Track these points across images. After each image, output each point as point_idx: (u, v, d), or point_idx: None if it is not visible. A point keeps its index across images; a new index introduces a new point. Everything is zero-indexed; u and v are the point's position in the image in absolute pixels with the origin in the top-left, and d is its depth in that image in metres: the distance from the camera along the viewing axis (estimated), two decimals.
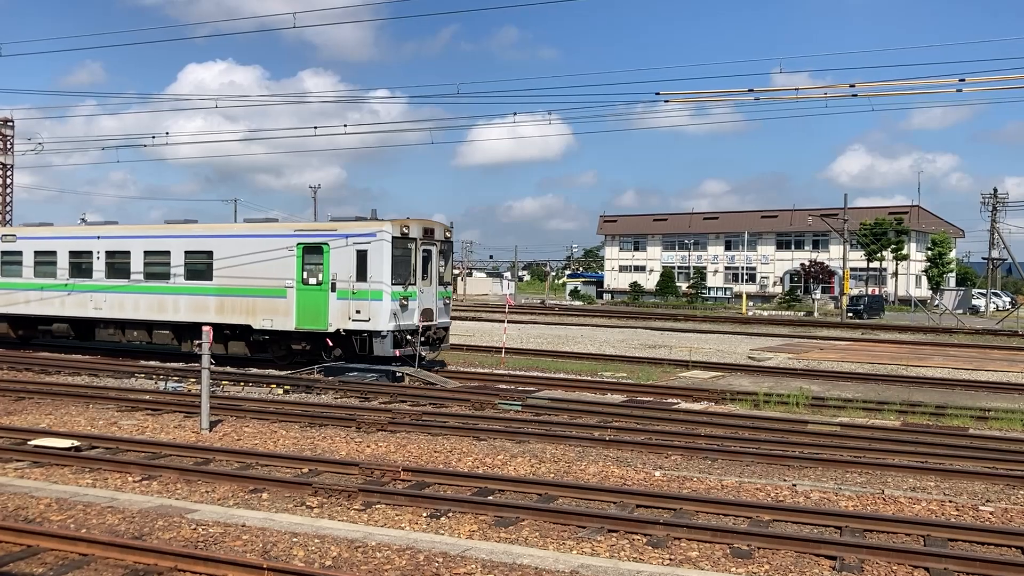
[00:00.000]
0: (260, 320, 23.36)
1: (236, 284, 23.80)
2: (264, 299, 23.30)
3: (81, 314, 26.58)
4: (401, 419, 15.87)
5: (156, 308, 25.11)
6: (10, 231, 28.73)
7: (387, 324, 21.74)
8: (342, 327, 22.16)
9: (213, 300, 24.11)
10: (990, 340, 41.54)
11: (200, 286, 24.48)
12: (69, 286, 26.71)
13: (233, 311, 23.83)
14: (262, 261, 23.35)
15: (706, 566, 8.36)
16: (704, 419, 16.42)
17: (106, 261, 26.22)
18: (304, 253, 22.89)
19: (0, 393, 18.80)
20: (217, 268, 24.16)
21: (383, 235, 22.05)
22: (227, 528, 9.05)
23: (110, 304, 25.95)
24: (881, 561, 8.45)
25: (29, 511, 9.71)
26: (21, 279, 27.81)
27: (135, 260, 25.68)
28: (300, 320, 22.79)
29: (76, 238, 27.23)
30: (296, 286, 22.85)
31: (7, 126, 46.85)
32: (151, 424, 15.69)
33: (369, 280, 21.86)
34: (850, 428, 15.75)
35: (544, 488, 10.96)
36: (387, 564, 8.03)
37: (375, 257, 21.93)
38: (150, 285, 25.28)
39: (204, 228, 25.79)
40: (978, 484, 11.95)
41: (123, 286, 25.73)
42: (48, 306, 27.21)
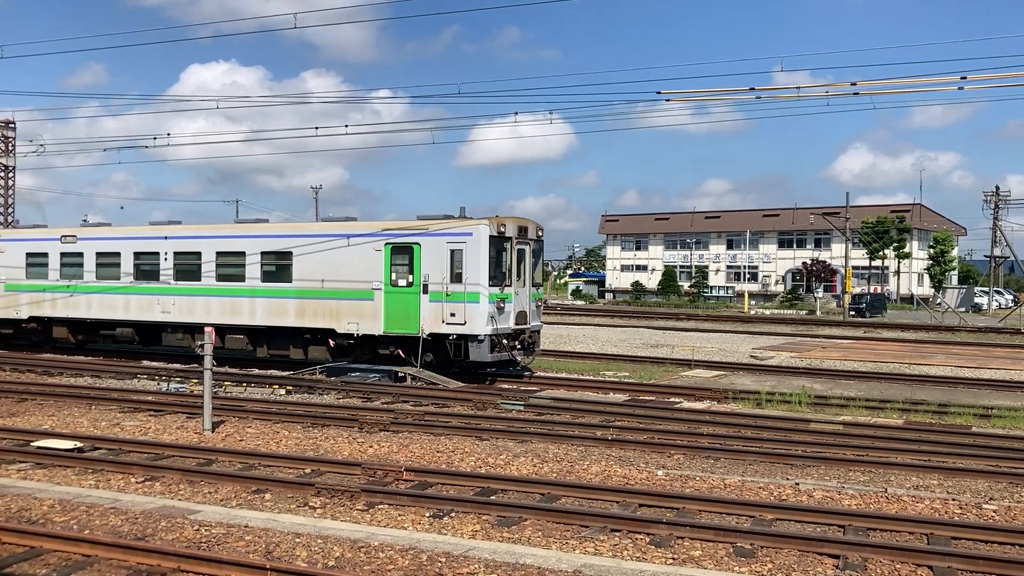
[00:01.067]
0: (345, 324, 22.34)
1: (318, 286, 22.78)
2: (349, 302, 22.31)
3: (147, 318, 25.56)
4: (403, 419, 15.87)
5: (230, 311, 24.08)
6: (70, 231, 27.59)
7: (484, 328, 20.83)
8: (435, 331, 21.25)
9: (292, 303, 23.14)
10: (993, 338, 41.49)
11: (278, 288, 23.47)
12: (134, 288, 25.77)
13: (315, 314, 22.84)
14: (346, 262, 22.36)
15: (709, 565, 8.35)
16: (707, 418, 16.42)
17: (174, 262, 25.20)
18: (392, 253, 21.94)
19: (3, 394, 18.82)
20: (297, 269, 23.15)
21: (480, 234, 21.15)
22: (230, 529, 9.05)
23: (179, 307, 24.93)
24: (884, 560, 8.44)
25: (32, 512, 9.71)
26: (82, 281, 26.73)
27: (206, 261, 24.66)
28: (389, 324, 21.80)
29: (142, 238, 26.19)
30: (384, 288, 21.89)
31: (9, 128, 46.90)
32: (154, 425, 15.70)
33: (465, 282, 20.95)
34: (853, 427, 15.73)
35: (547, 488, 10.96)
36: (390, 564, 8.03)
37: (471, 257, 21.03)
38: (223, 287, 24.30)
39: (282, 227, 24.68)
40: (981, 482, 11.93)
41: (193, 288, 24.75)
42: (111, 310, 26.17)
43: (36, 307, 27.53)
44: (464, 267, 21.06)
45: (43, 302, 27.37)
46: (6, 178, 47.31)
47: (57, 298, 27.04)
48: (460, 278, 21.03)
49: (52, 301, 27.17)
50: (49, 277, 27.31)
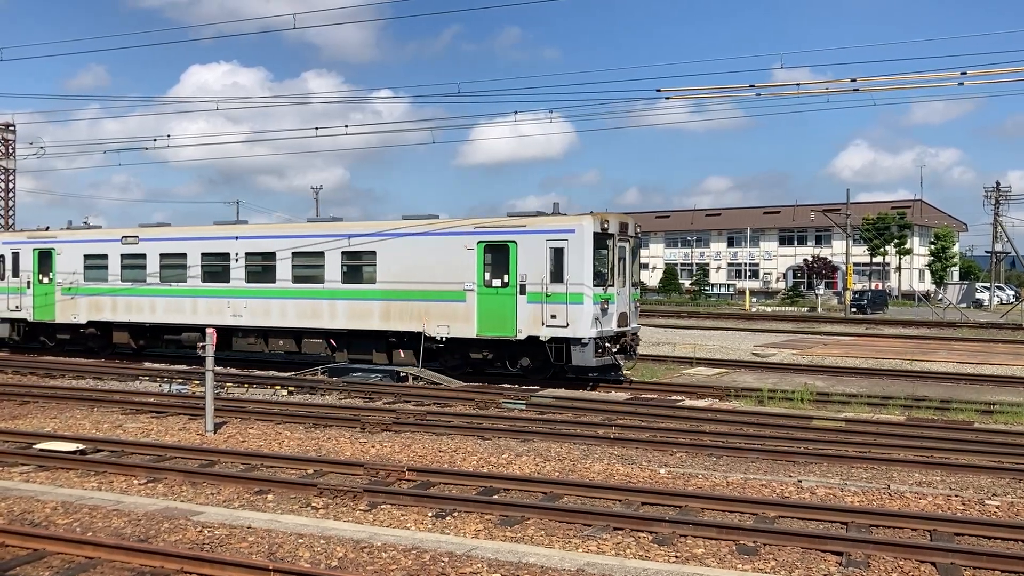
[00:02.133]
0: (434, 327, 21.30)
1: (404, 287, 21.77)
2: (439, 303, 21.30)
3: (216, 322, 23.75)
4: (405, 419, 15.88)
5: (308, 315, 23.05)
6: (132, 232, 26.49)
7: (588, 330, 19.75)
8: (533, 334, 20.23)
9: (377, 305, 22.13)
10: (994, 334, 41.47)
11: (361, 290, 22.43)
12: (201, 291, 24.75)
13: (401, 317, 21.81)
14: (436, 262, 21.40)
15: (712, 563, 8.35)
16: (709, 416, 16.41)
17: (246, 264, 24.15)
18: (486, 252, 20.91)
19: (6, 397, 18.83)
20: (381, 270, 22.17)
21: (583, 231, 20.05)
22: (233, 530, 9.05)
23: (251, 311, 23.89)
24: (887, 556, 8.43)
25: (35, 514, 9.72)
26: (144, 284, 25.68)
27: (281, 262, 23.60)
28: (483, 326, 20.79)
29: (210, 239, 25.06)
30: (477, 289, 20.86)
31: (8, 130, 46.91)
32: (156, 426, 15.71)
33: (567, 281, 19.87)
34: (855, 423, 15.72)
35: (549, 487, 10.96)
36: (393, 564, 8.03)
37: (574, 255, 19.96)
38: (299, 289, 23.24)
39: (364, 226, 23.27)
40: (984, 478, 11.93)
41: (267, 291, 23.70)
42: (177, 313, 25.09)
43: (95, 311, 26.53)
44: (566, 266, 20.04)
45: (103, 306, 26.40)
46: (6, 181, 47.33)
47: (118, 301, 26.10)
48: (561, 278, 20.02)
49: (113, 304, 26.22)
50: (109, 280, 26.32)
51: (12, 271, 28.06)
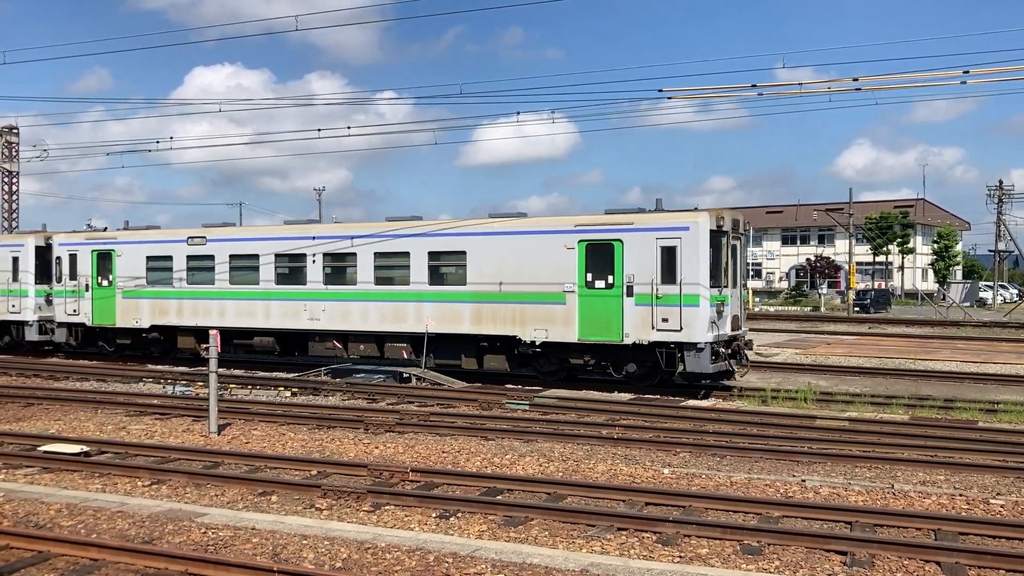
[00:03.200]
0: (531, 331, 20.31)
1: (497, 289, 20.75)
2: (536, 306, 20.29)
3: (292, 326, 23.44)
4: (409, 420, 15.89)
5: (391, 318, 22.08)
6: (198, 232, 25.31)
7: (705, 335, 18.69)
8: (643, 338, 19.16)
9: (468, 308, 21.12)
10: (998, 333, 41.40)
11: (450, 292, 21.44)
12: (275, 294, 23.65)
13: (494, 321, 20.83)
14: (533, 262, 20.38)
15: (716, 563, 8.35)
16: (712, 416, 16.41)
17: (324, 265, 23.10)
18: (589, 251, 19.85)
19: (9, 399, 18.86)
20: (472, 271, 21.17)
21: (699, 228, 18.95)
22: (237, 531, 9.07)
23: (330, 314, 22.87)
24: (892, 556, 8.42)
25: (40, 517, 9.74)
26: (212, 287, 24.61)
27: (362, 263, 22.59)
28: (584, 330, 19.74)
29: (284, 239, 23.85)
30: (578, 291, 19.82)
31: (12, 133, 47.00)
32: (159, 428, 15.73)
33: (680, 282, 18.75)
34: (859, 423, 15.71)
35: (553, 487, 10.96)
36: (397, 565, 8.03)
37: (689, 254, 18.86)
38: (382, 291, 22.27)
39: (453, 224, 22.29)
40: (988, 478, 11.91)
41: (347, 293, 22.72)
42: (248, 317, 24.02)
43: (159, 315, 25.49)
44: (680, 266, 18.89)
45: (167, 309, 25.35)
46: (10, 183, 47.41)
47: (184, 304, 25.05)
48: (674, 278, 18.88)
49: (178, 308, 25.16)
50: (174, 282, 25.25)
51: (69, 273, 27.04)
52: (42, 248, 28.40)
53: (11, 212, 47.25)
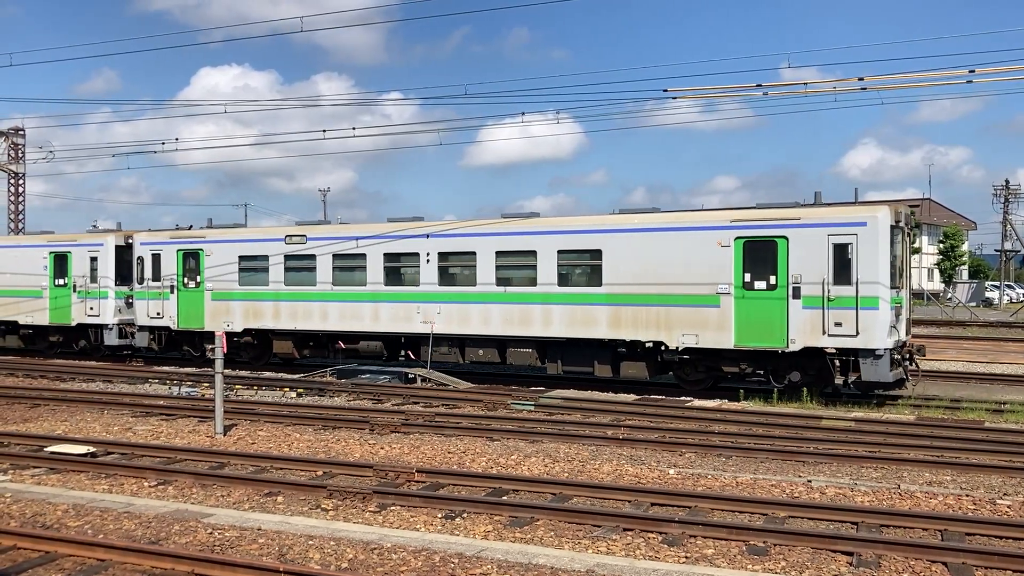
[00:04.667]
0: (678, 336, 18.92)
1: (639, 290, 19.37)
2: (684, 309, 18.90)
3: (403, 330, 22.16)
4: (414, 420, 15.90)
5: (516, 321, 20.80)
6: (297, 231, 23.98)
7: (884, 340, 17.25)
8: (810, 344, 17.79)
9: (603, 311, 19.76)
10: (1004, 333, 41.26)
11: (583, 293, 20.11)
12: (384, 295, 22.41)
13: (635, 325, 19.42)
14: (681, 261, 18.99)
15: (722, 564, 8.34)
16: (717, 416, 16.39)
17: (439, 265, 21.83)
18: (747, 249, 18.43)
19: (16, 400, 18.92)
20: (608, 271, 19.78)
21: (877, 223, 17.47)
22: (243, 532, 9.08)
23: (446, 317, 21.62)
24: (898, 556, 8.41)
25: (47, 517, 9.77)
26: (314, 288, 23.36)
27: (483, 263, 21.26)
28: (741, 335, 18.34)
29: (395, 237, 22.53)
30: (734, 292, 18.41)
31: (18, 135, 47.15)
32: (165, 429, 15.76)
33: (856, 282, 17.35)
34: (864, 423, 15.68)
35: (558, 488, 10.96)
36: (403, 565, 8.04)
37: (866, 252, 17.39)
38: (505, 293, 20.97)
39: (587, 221, 20.76)
40: (995, 478, 11.88)
41: (465, 294, 21.47)
42: (354, 320, 22.77)
43: (253, 318, 24.20)
44: (855, 264, 17.47)
45: (262, 312, 24.06)
46: (16, 184, 47.57)
47: (281, 307, 23.78)
48: (848, 278, 17.48)
49: (274, 311, 23.88)
50: (270, 283, 23.96)
51: (152, 274, 25.80)
52: (121, 248, 27.23)
53: (17, 214, 47.40)
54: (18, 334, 29.26)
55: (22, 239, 29.75)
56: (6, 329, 29.45)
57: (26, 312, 28.39)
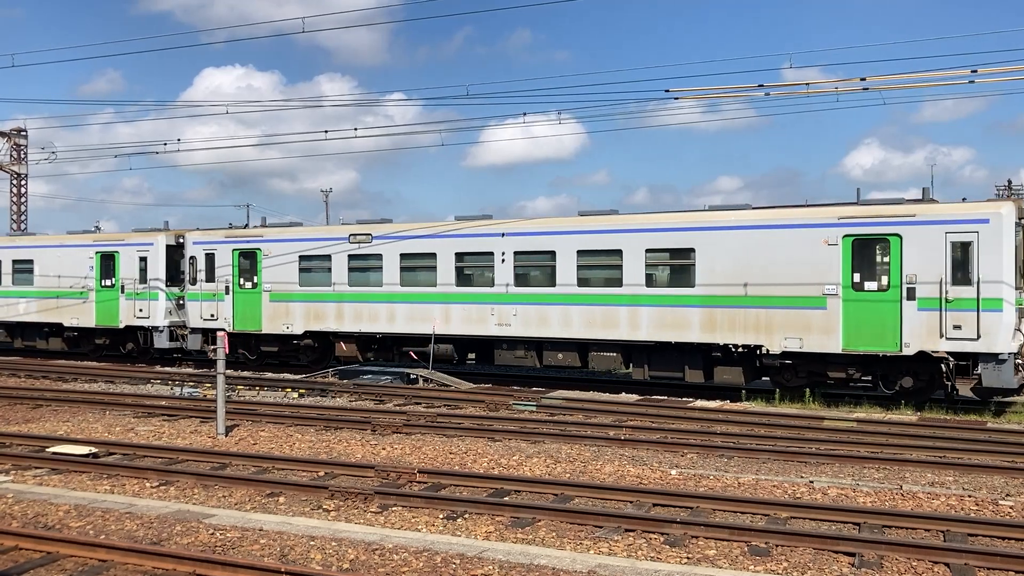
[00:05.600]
0: (780, 340, 18.06)
1: (735, 292, 18.51)
2: (786, 311, 18.00)
3: (477, 332, 21.41)
4: (416, 421, 15.90)
5: (598, 324, 19.91)
6: (362, 229, 23.19)
7: (1008, 344, 16.53)
8: (927, 348, 16.91)
9: (696, 313, 18.87)
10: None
11: (673, 295, 19.23)
12: (456, 296, 21.64)
13: (731, 327, 18.55)
14: (782, 260, 18.14)
15: (724, 564, 8.33)
16: (719, 417, 16.38)
17: (515, 264, 21.05)
18: (856, 248, 17.59)
19: (18, 400, 18.94)
20: (701, 270, 18.90)
21: (1001, 221, 16.61)
22: (244, 532, 9.08)
23: (522, 319, 20.77)
24: (901, 557, 8.40)
25: (48, 518, 9.77)
26: (380, 289, 22.60)
27: (562, 262, 20.41)
28: (850, 339, 17.47)
29: (468, 236, 21.72)
30: (842, 293, 17.54)
31: (20, 135, 47.22)
32: (167, 430, 15.77)
33: (978, 283, 16.53)
34: (866, 424, 15.67)
35: (560, 488, 10.95)
36: (404, 566, 8.03)
37: (988, 251, 16.54)
38: (587, 294, 20.10)
39: (677, 219, 19.85)
40: (997, 479, 11.86)
41: (544, 296, 20.58)
42: (424, 322, 21.96)
43: (315, 320, 23.50)
44: (976, 264, 16.63)
45: (325, 314, 23.34)
46: (19, 185, 47.64)
47: (344, 308, 23.05)
48: (968, 279, 16.67)
49: (337, 312, 23.15)
50: (333, 284, 23.23)
51: (205, 275, 25.05)
52: (172, 247, 26.50)
53: (20, 214, 47.46)
54: (62, 336, 28.49)
55: (66, 238, 28.64)
56: (49, 331, 28.70)
57: (70, 314, 27.57)
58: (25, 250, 29.26)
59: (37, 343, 29.15)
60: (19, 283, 28.86)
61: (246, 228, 25.90)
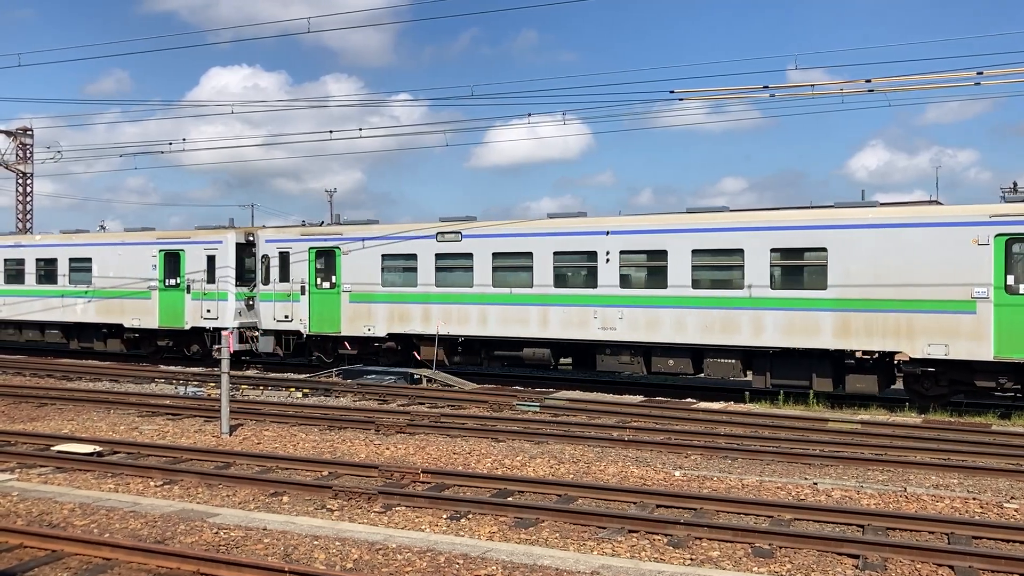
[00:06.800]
0: (923, 346, 17.01)
1: (873, 294, 17.42)
2: (930, 315, 16.95)
3: (576, 336, 20.46)
4: (419, 421, 15.91)
5: (716, 328, 18.88)
6: (451, 227, 22.15)
7: None
8: None
9: (828, 317, 17.82)
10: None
11: (802, 298, 18.15)
12: (552, 298, 20.66)
13: (868, 333, 17.51)
14: (925, 261, 17.06)
15: (727, 566, 8.32)
16: (723, 418, 16.36)
17: (621, 264, 20.03)
18: (1009, 248, 16.54)
19: (23, 399, 18.98)
20: (835, 271, 17.83)
21: None
22: (248, 532, 9.09)
23: (629, 322, 19.71)
24: (905, 559, 8.38)
25: (53, 516, 9.79)
26: (470, 290, 21.66)
27: (675, 263, 19.34)
28: (1003, 346, 16.42)
29: (568, 234, 20.76)
30: (994, 296, 16.48)
31: (26, 135, 47.33)
32: (172, 429, 15.80)
33: None
34: (871, 425, 15.64)
35: (563, 489, 10.95)
36: (408, 566, 8.04)
37: None
38: (705, 296, 19.06)
39: (807, 216, 18.79)
40: (1002, 481, 11.83)
41: (653, 298, 19.55)
42: (519, 325, 20.99)
43: (399, 322, 22.59)
44: None
45: (410, 316, 22.41)
46: (24, 184, 47.75)
47: (431, 310, 22.11)
48: None
49: (424, 314, 22.21)
50: (419, 284, 22.32)
51: (279, 275, 24.17)
52: (241, 245, 25.61)
53: (25, 213, 47.57)
54: (121, 338, 27.46)
55: (127, 236, 27.69)
56: (108, 333, 27.68)
57: (131, 314, 26.59)
58: (83, 248, 28.00)
59: (95, 344, 27.93)
60: (76, 282, 27.67)
61: (322, 225, 24.80)
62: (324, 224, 24.84)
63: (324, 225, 24.84)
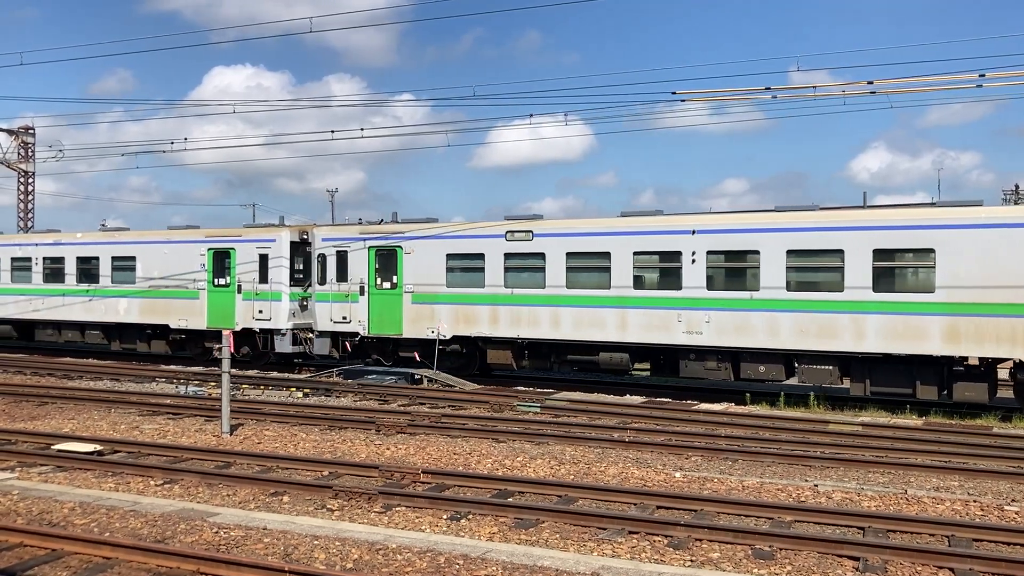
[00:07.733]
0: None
1: (985, 297, 16.53)
2: None
3: (657, 340, 19.55)
4: (420, 421, 15.91)
5: (811, 332, 17.99)
6: (521, 226, 21.41)
7: None
8: None
9: (936, 321, 16.93)
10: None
11: (907, 301, 17.29)
12: (632, 300, 19.73)
13: (978, 338, 16.62)
14: None
15: (728, 567, 8.32)
16: (724, 420, 16.36)
17: (708, 265, 19.13)
18: None
19: (24, 398, 18.99)
20: (943, 273, 16.94)
21: None
22: (248, 531, 9.09)
23: (716, 326, 18.83)
24: (905, 562, 8.37)
25: (53, 515, 9.79)
26: (542, 291, 20.75)
27: (768, 262, 18.46)
28: None
29: (649, 233, 19.81)
30: None
31: (28, 133, 47.36)
32: (172, 428, 15.80)
33: None
34: (872, 427, 15.64)
35: (564, 490, 10.95)
36: (408, 566, 8.04)
37: None
38: (798, 299, 18.17)
39: (912, 214, 17.87)
40: (1003, 484, 11.83)
41: (743, 301, 18.67)
42: (592, 328, 20.08)
43: (465, 324, 21.76)
44: None
45: (477, 317, 21.58)
46: (26, 183, 47.78)
47: (499, 312, 21.25)
48: None
49: (492, 316, 21.37)
50: (487, 285, 21.49)
51: (336, 274, 23.43)
52: (296, 244, 24.75)
53: (27, 212, 47.61)
54: (167, 339, 26.63)
55: (172, 234, 26.90)
56: (152, 333, 26.82)
57: (178, 315, 25.73)
58: (127, 246, 27.11)
59: (138, 346, 27.17)
60: (119, 282, 26.90)
61: (381, 224, 23.89)
62: (383, 222, 24.03)
63: (383, 223, 23.98)
